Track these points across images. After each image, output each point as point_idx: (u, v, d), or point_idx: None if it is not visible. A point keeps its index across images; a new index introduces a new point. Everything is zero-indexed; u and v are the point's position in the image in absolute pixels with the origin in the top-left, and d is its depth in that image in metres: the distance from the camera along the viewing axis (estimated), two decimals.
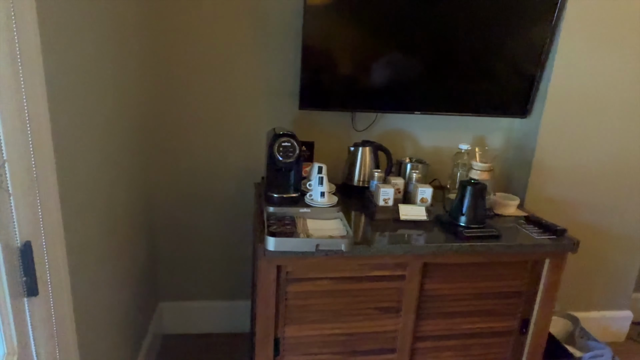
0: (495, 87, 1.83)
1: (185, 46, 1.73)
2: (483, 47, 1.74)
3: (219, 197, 1.93)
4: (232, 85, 1.80)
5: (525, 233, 1.50)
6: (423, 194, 1.55)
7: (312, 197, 1.46)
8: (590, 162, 1.96)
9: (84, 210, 1.12)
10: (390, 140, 1.96)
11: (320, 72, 1.70)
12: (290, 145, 1.41)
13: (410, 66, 1.74)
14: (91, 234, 1.17)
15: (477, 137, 2.02)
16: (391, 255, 1.37)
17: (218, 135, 1.85)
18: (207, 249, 2.00)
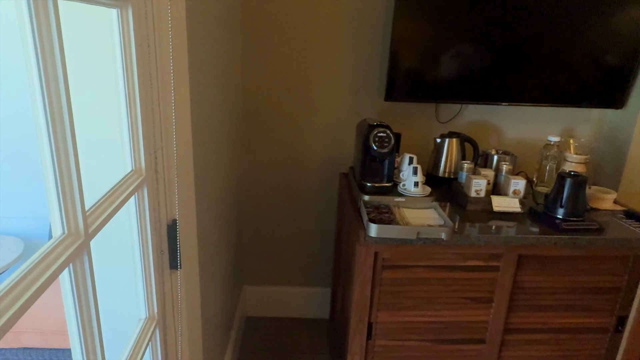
0: (587, 77, 1.77)
1: (277, 47, 1.81)
2: (574, 35, 1.69)
3: (303, 187, 2.00)
4: (319, 79, 1.86)
5: (627, 227, 1.45)
6: (516, 186, 1.54)
7: (405, 187, 1.49)
8: None
9: (206, 196, 1.21)
10: (473, 132, 1.95)
11: (406, 63, 1.72)
12: (385, 136, 1.45)
13: (496, 57, 1.72)
14: (210, 217, 1.27)
15: (565, 128, 1.96)
16: (487, 246, 1.38)
17: (304, 128, 1.92)
18: (288, 236, 2.08)
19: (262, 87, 1.86)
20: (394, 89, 1.76)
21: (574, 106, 1.84)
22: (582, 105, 1.83)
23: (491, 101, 1.81)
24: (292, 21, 1.79)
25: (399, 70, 1.73)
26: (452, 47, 1.70)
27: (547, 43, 1.70)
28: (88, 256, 0.58)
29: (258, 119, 1.90)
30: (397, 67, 1.72)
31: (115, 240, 0.89)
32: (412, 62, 1.72)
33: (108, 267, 0.90)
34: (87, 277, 0.58)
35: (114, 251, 0.90)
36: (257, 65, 1.84)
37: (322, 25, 1.79)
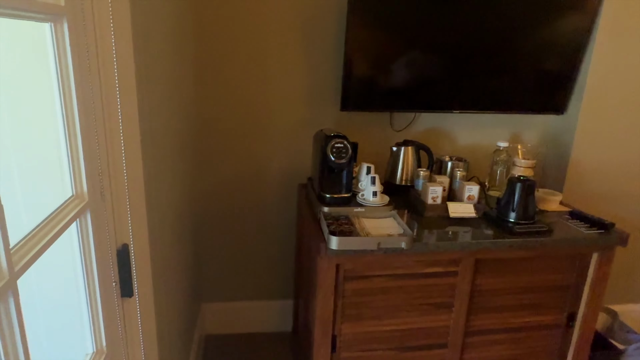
0: (531, 84, 1.85)
1: (231, 58, 1.77)
2: (519, 45, 1.77)
3: (262, 200, 1.96)
4: (275, 90, 1.83)
5: (574, 227, 1.52)
6: (470, 192, 1.58)
7: (364, 197, 1.49)
8: (628, 158, 1.98)
9: (160, 216, 1.15)
10: (427, 138, 1.99)
11: (360, 73, 1.73)
12: (343, 147, 1.44)
13: (447, 65, 1.77)
14: (165, 237, 1.21)
15: (513, 133, 2.05)
16: (446, 252, 1.40)
17: (261, 139, 1.88)
18: (248, 250, 2.03)
19: (217, 99, 1.81)
20: (350, 99, 1.76)
21: (520, 113, 1.92)
22: (527, 112, 1.92)
23: (443, 109, 1.85)
24: (246, 31, 1.75)
25: (354, 80, 1.73)
26: (404, 56, 1.72)
27: (494, 52, 1.77)
28: (14, 297, 0.52)
29: (214, 132, 1.85)
30: (351, 77, 1.73)
31: (57, 271, 0.82)
32: (366, 72, 1.73)
33: (49, 302, 0.83)
34: (14, 321, 0.52)
35: (56, 283, 0.83)
36: (211, 77, 1.79)
37: (277, 35, 1.77)
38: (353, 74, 1.72)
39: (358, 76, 1.73)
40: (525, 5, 1.71)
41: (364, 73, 1.73)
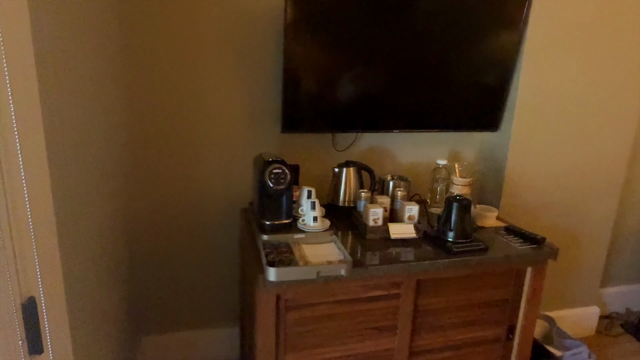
0: (466, 103, 1.91)
1: (165, 77, 1.70)
2: (453, 65, 1.82)
3: (202, 225, 1.89)
4: (212, 111, 1.78)
5: (509, 244, 1.57)
6: (410, 212, 1.60)
7: (305, 222, 1.47)
8: (558, 169, 2.08)
9: (80, 255, 1.07)
10: (370, 157, 2.00)
11: (301, 95, 1.71)
12: (281, 172, 1.41)
13: (386, 85, 1.79)
14: (88, 279, 1.12)
15: (452, 150, 2.10)
16: (386, 276, 1.40)
17: (200, 162, 1.82)
18: (191, 278, 1.95)
19: (150, 121, 1.73)
20: (290, 121, 1.74)
21: (456, 131, 1.98)
22: (464, 130, 1.98)
23: (384, 129, 1.87)
24: (180, 51, 1.69)
25: (294, 102, 1.71)
26: (343, 76, 1.73)
27: (431, 72, 1.81)
28: None
29: (148, 157, 1.76)
30: (291, 99, 1.71)
31: None
32: (306, 93, 1.72)
33: None
34: None
35: None
36: (143, 99, 1.71)
37: (214, 54, 1.72)
38: (292, 95, 1.70)
39: (298, 97, 1.71)
40: (458, 26, 1.77)
41: (304, 94, 1.72)
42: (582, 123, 2.05)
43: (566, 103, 2.00)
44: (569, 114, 2.02)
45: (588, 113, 2.04)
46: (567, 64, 1.94)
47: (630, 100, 2.09)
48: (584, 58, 1.95)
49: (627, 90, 2.06)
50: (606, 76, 2.01)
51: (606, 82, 2.02)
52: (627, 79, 2.04)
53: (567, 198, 2.15)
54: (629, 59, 2.01)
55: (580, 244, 2.25)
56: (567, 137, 2.05)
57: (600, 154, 2.13)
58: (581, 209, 2.18)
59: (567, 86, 1.97)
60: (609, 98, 2.05)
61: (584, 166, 2.12)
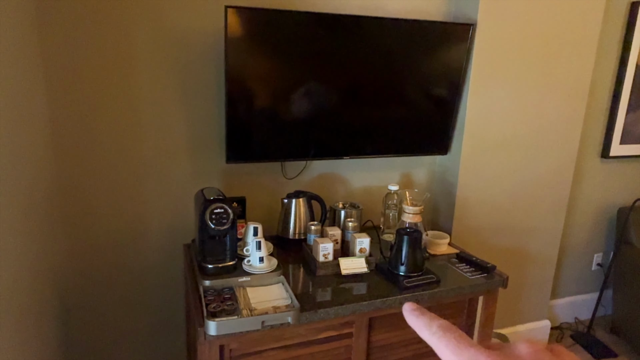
0: (416, 127, 1.90)
1: (95, 104, 1.57)
2: (402, 90, 1.81)
3: (142, 264, 1.76)
4: (150, 141, 1.66)
5: (460, 273, 1.55)
6: (361, 244, 1.55)
7: (250, 263, 1.39)
8: (506, 190, 2.11)
9: None
10: (321, 184, 1.95)
11: (245, 122, 1.64)
12: (223, 212, 1.33)
13: (335, 112, 1.75)
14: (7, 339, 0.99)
15: (404, 173, 2.09)
16: (337, 317, 1.34)
17: (138, 197, 1.69)
18: (130, 322, 1.81)
19: (80, 154, 1.60)
20: (235, 150, 1.66)
21: (407, 155, 1.97)
22: (414, 154, 1.97)
23: (333, 156, 1.83)
24: (114, 80, 1.57)
25: (238, 130, 1.64)
26: (290, 101, 1.67)
27: (379, 97, 1.79)
28: None
29: (78, 193, 1.62)
30: (235, 126, 1.63)
31: None
32: (251, 121, 1.64)
33: None
34: None
35: None
36: (71, 129, 1.57)
37: (151, 83, 1.61)
38: (236, 122, 1.62)
39: (242, 125, 1.64)
40: (405, 51, 1.75)
41: (249, 121, 1.64)
42: (528, 144, 2.09)
43: (512, 124, 2.03)
44: (515, 136, 2.05)
45: (533, 134, 2.08)
46: (512, 86, 1.97)
47: (573, 121, 2.15)
48: (528, 80, 1.99)
49: (569, 111, 2.13)
50: (550, 97, 2.06)
51: (550, 103, 2.07)
52: (569, 100, 2.11)
53: (516, 218, 2.18)
54: (571, 81, 2.08)
55: (530, 262, 2.29)
56: (514, 159, 2.09)
57: (547, 174, 2.18)
58: (530, 228, 2.23)
59: (512, 108, 2.00)
60: (553, 118, 2.10)
61: (531, 186, 2.16)
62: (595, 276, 2.74)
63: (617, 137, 2.47)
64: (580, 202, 2.53)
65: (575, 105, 2.13)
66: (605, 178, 2.55)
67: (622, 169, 2.57)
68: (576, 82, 2.09)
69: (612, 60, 2.36)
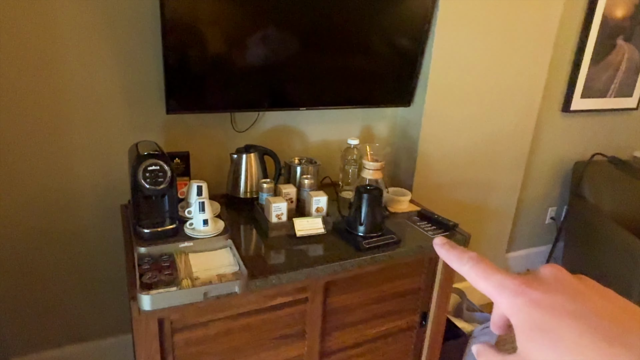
0: (378, 77, 1.76)
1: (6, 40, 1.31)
2: (364, 36, 1.64)
3: (77, 223, 1.57)
4: (77, 91, 1.43)
5: (421, 232, 1.48)
6: (318, 204, 1.43)
7: (193, 227, 1.24)
8: (468, 145, 2.03)
9: None
10: (276, 138, 1.79)
11: (188, 68, 1.43)
12: (159, 169, 1.16)
13: (292, 57, 1.56)
14: None
15: (364, 126, 1.96)
16: (292, 282, 1.24)
17: (64, 151, 1.48)
18: (68, 286, 1.64)
19: None
20: (175, 99, 1.46)
21: (369, 107, 1.83)
22: (375, 106, 1.83)
23: (288, 107, 1.66)
24: (28, 13, 1.31)
25: (179, 77, 1.43)
26: (241, 44, 1.47)
27: (340, 43, 1.61)
28: None
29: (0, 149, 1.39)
30: (175, 72, 1.42)
31: None
32: (194, 66, 1.44)
33: None
34: None
35: None
36: None
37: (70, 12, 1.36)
38: (177, 67, 1.41)
39: (184, 72, 1.43)
40: None
41: (191, 67, 1.44)
42: (491, 96, 2.00)
43: (476, 75, 1.92)
44: (478, 87, 1.95)
45: (497, 86, 1.99)
46: (478, 35, 1.84)
47: (537, 73, 2.07)
48: (494, 30, 1.87)
49: (533, 63, 2.04)
50: (515, 48, 1.96)
51: (515, 54, 1.97)
52: (534, 52, 2.01)
53: (476, 173, 2.13)
54: (537, 31, 1.97)
55: (488, 216, 2.27)
56: (476, 112, 2.00)
57: (508, 128, 2.12)
58: (489, 183, 2.19)
59: (477, 57, 1.89)
60: (517, 70, 2.01)
61: (492, 140, 2.10)
62: (547, 229, 2.80)
63: (579, 91, 2.44)
64: (538, 156, 2.52)
65: (539, 57, 2.04)
66: (564, 132, 2.54)
67: (581, 123, 2.56)
68: (542, 32, 1.99)
69: (578, 11, 2.27)
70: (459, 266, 0.34)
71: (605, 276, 2.24)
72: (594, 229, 2.34)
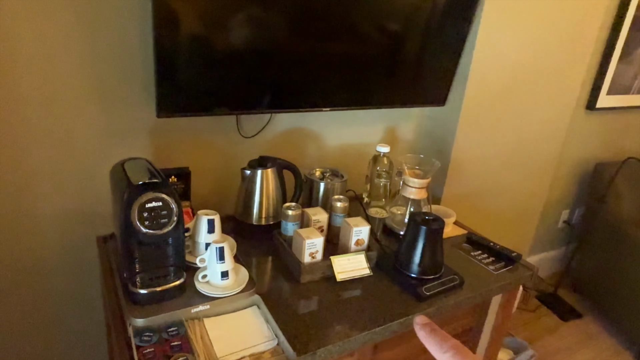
0: (411, 71, 1.45)
1: None
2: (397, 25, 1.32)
3: (39, 258, 1.20)
4: (31, 83, 1.04)
5: (481, 267, 1.21)
6: (359, 235, 1.13)
7: (207, 280, 0.91)
8: (498, 150, 1.79)
9: None
10: (288, 143, 1.46)
11: (187, 58, 1.07)
12: (161, 206, 0.81)
13: (312, 50, 1.23)
14: None
15: (387, 128, 1.66)
16: None
17: (16, 166, 1.09)
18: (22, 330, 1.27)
19: None
20: (169, 100, 1.10)
21: (401, 106, 1.53)
22: (408, 105, 1.54)
23: (309, 107, 1.34)
24: None
25: (175, 68, 1.07)
26: (248, 35, 1.12)
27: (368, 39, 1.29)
28: None
29: None
30: (171, 62, 1.06)
31: None
32: (192, 57, 1.08)
33: None
34: None
35: None
36: None
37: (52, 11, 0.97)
38: (173, 56, 1.05)
39: (182, 61, 1.07)
40: None
41: (192, 56, 1.08)
42: (528, 97, 1.75)
43: (515, 74, 1.67)
44: (517, 87, 1.70)
45: (535, 86, 1.75)
46: (520, 30, 1.58)
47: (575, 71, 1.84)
48: (536, 25, 1.61)
49: (572, 56, 1.80)
50: (556, 46, 1.71)
51: (555, 52, 1.72)
52: (574, 45, 1.77)
53: (506, 179, 1.89)
54: (578, 28, 1.73)
55: (512, 220, 2.05)
56: (512, 113, 1.75)
57: (542, 129, 1.89)
58: (518, 188, 1.96)
59: (518, 54, 1.62)
60: (555, 69, 1.77)
61: (525, 143, 1.86)
62: (559, 233, 2.63)
63: (606, 87, 2.23)
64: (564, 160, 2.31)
65: (579, 55, 1.81)
66: (587, 132, 2.34)
67: (604, 121, 2.37)
68: (583, 30, 1.76)
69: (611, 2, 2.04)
70: (438, 353, 0.31)
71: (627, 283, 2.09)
72: (617, 235, 2.17)
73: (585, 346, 2.12)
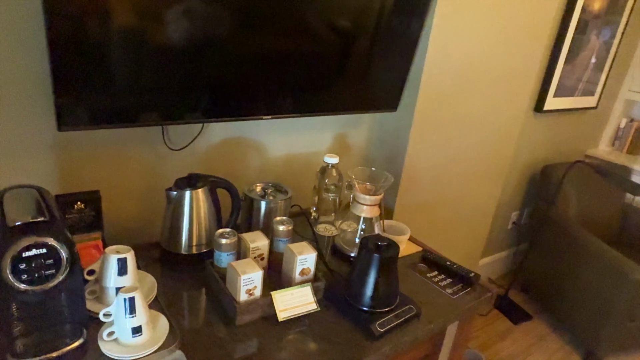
0: (361, 74, 1.33)
1: None
2: (345, 27, 1.19)
3: None
4: None
5: (438, 291, 1.11)
6: (304, 264, 0.99)
7: (115, 338, 0.73)
8: (450, 156, 1.71)
9: None
10: (223, 155, 1.30)
11: (91, 59, 0.88)
12: (46, 253, 0.63)
13: (251, 48, 1.07)
14: None
15: (336, 135, 1.53)
16: None
17: None
18: None
19: None
20: (73, 109, 0.91)
21: (351, 113, 1.41)
22: (358, 111, 1.41)
23: (248, 115, 1.18)
24: None
25: (78, 74, 0.88)
26: (168, 31, 0.94)
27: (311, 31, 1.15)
28: None
29: None
30: (71, 68, 0.86)
31: None
32: (101, 55, 0.89)
33: None
34: None
35: None
36: None
37: None
38: (72, 55, 0.86)
39: (86, 64, 0.88)
40: None
41: (97, 55, 0.89)
42: (482, 100, 1.69)
43: (470, 77, 1.59)
44: (471, 90, 1.62)
45: (488, 89, 1.69)
46: (474, 32, 1.51)
47: (527, 73, 1.80)
48: (490, 27, 1.55)
49: (525, 59, 1.76)
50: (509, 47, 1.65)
51: (508, 54, 1.67)
52: (528, 46, 1.73)
53: (460, 185, 1.82)
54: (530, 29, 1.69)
55: (464, 224, 2.00)
56: (466, 117, 1.68)
57: (496, 133, 1.84)
58: (471, 193, 1.90)
59: (472, 56, 1.55)
60: (508, 72, 1.72)
61: (479, 147, 1.80)
62: (509, 235, 2.63)
63: (553, 89, 2.23)
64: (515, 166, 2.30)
65: (531, 57, 1.78)
66: (535, 134, 2.34)
67: (551, 123, 2.38)
68: (535, 32, 1.73)
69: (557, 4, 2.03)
70: None
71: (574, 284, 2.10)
72: (565, 236, 2.18)
73: (537, 349, 2.12)
